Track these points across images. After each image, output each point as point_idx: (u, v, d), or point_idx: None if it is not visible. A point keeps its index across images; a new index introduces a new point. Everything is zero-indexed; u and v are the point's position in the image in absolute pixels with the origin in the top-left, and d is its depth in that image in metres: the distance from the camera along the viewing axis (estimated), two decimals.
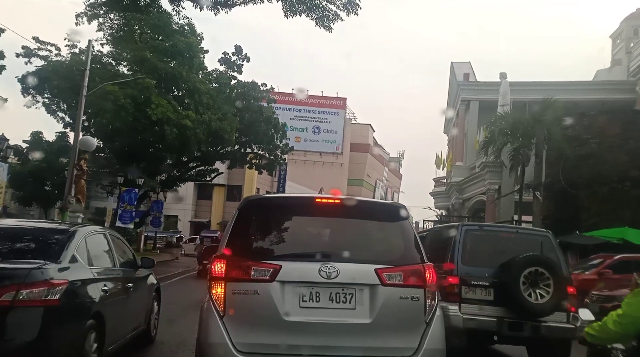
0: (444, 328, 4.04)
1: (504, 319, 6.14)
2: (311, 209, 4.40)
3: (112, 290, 5.29)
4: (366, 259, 3.98)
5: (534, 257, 6.32)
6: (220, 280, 3.88)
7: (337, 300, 3.82)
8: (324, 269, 3.80)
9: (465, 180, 30.18)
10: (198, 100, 27.31)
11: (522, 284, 6.05)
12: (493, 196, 23.70)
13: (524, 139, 17.23)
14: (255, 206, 4.52)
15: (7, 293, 3.97)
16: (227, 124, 28.09)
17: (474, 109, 32.35)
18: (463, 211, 30.16)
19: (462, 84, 33.35)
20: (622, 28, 45.76)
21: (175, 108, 24.70)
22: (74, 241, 4.98)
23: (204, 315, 3.97)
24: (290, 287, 3.82)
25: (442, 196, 37.09)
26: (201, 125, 25.97)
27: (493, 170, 23.67)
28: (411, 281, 3.91)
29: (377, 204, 5.20)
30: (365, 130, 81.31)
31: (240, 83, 32.54)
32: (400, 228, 4.28)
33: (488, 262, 6.41)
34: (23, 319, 4.05)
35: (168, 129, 23.84)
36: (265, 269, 3.83)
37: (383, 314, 3.81)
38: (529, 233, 8.22)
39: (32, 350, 4.03)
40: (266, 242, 4.35)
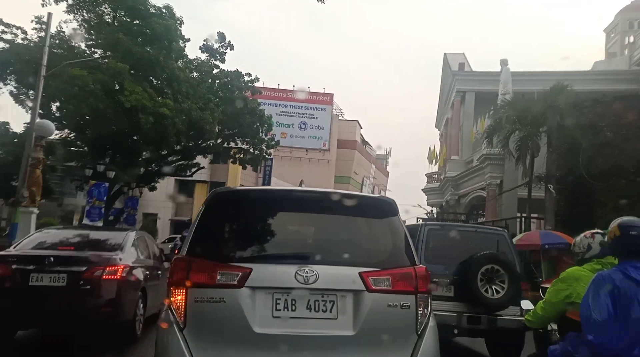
0: (438, 340, 3.52)
1: (462, 314, 6.53)
2: (288, 204, 3.85)
3: (150, 274, 7.92)
4: (350, 261, 3.50)
5: (490, 255, 6.63)
6: (180, 286, 3.37)
7: (315, 308, 3.33)
8: (301, 272, 3.32)
9: (461, 175, 28.61)
10: (177, 88, 25.37)
11: (480, 281, 6.43)
12: (494, 191, 22.16)
13: (533, 127, 15.69)
14: (225, 200, 3.90)
15: (98, 270, 6.54)
16: (208, 114, 26.18)
17: (470, 100, 30.81)
18: (459, 208, 28.61)
19: (457, 74, 31.76)
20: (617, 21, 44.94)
21: (152, 96, 22.76)
22: (129, 240, 7.59)
23: (161, 327, 3.43)
24: (262, 293, 3.32)
25: (435, 192, 35.46)
26: (180, 115, 24.05)
27: (494, 163, 22.12)
28: (401, 286, 3.44)
29: (363, 198, 4.27)
30: (352, 126, 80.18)
31: (223, 72, 30.60)
32: (388, 225, 3.76)
33: (449, 259, 6.69)
34: (106, 286, 6.58)
35: (143, 117, 21.92)
36: (233, 273, 3.33)
37: (368, 325, 3.33)
38: (486, 232, 8.75)
39: (112, 304, 6.55)
40: (236, 241, 3.78)
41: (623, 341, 2.67)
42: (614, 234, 3.04)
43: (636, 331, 2.67)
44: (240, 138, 32.67)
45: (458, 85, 31.27)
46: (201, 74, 29.88)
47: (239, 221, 3.85)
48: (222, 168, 48.74)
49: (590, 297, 2.85)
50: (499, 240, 7.22)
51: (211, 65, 30.39)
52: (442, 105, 39.91)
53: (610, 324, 2.71)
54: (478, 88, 29.60)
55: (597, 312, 2.77)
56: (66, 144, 26.48)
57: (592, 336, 2.76)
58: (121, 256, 7.06)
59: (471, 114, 30.28)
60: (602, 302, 2.76)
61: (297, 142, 72.59)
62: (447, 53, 35.88)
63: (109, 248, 7.27)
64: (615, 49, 43.47)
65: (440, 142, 39.81)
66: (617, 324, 2.71)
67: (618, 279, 2.81)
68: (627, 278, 2.78)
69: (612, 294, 2.77)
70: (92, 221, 20.89)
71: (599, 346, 2.73)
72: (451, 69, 32.53)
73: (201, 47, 30.15)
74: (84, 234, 8.20)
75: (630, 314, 2.68)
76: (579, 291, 3.29)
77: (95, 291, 6.52)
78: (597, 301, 2.80)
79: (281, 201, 3.92)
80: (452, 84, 32.29)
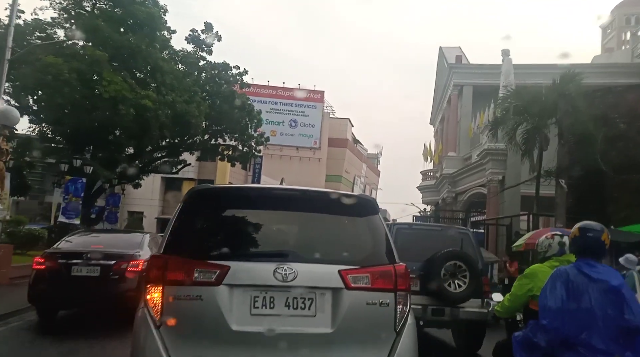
0: (416, 338, 3.51)
1: (427, 306, 6.91)
2: (267, 202, 3.77)
3: None
4: (329, 259, 3.45)
5: (453, 252, 7.07)
6: (157, 283, 3.30)
7: (294, 306, 3.27)
8: (279, 270, 3.26)
9: (459, 172, 27.45)
10: (160, 80, 23.97)
11: (443, 276, 6.88)
12: (496, 188, 21.04)
13: (541, 119, 14.57)
14: (203, 198, 3.82)
15: (124, 264, 8.24)
16: (194, 107, 24.80)
17: (468, 94, 29.66)
18: (456, 206, 27.46)
19: (454, 67, 30.59)
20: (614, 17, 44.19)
21: (133, 87, 21.36)
22: (145, 240, 9.33)
23: (137, 325, 3.35)
24: (240, 291, 3.25)
25: (431, 190, 34.25)
26: (164, 107, 22.68)
27: (496, 158, 20.97)
28: (380, 283, 3.41)
29: (343, 196, 4.03)
30: (343, 124, 78.97)
31: (211, 64, 29.23)
32: (368, 224, 3.72)
33: (416, 257, 6.86)
34: (130, 276, 8.15)
35: (123, 109, 20.53)
36: (211, 271, 3.26)
37: (347, 323, 3.28)
38: (452, 231, 9.33)
39: (134, 290, 7.46)
40: (214, 239, 3.64)
41: (573, 327, 3.05)
42: (574, 234, 3.40)
43: (584, 318, 3.04)
44: (229, 134, 31.37)
45: (455, 79, 30.12)
46: (187, 65, 28.49)
47: (217, 219, 3.79)
48: (210, 166, 47.34)
49: (548, 289, 3.23)
50: (463, 239, 7.79)
51: (198, 57, 29.05)
52: (438, 101, 38.76)
53: (563, 311, 3.09)
54: (476, 81, 28.52)
55: (552, 301, 3.15)
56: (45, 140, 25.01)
57: (546, 321, 3.13)
58: (140, 253, 8.58)
59: (469, 108, 29.16)
60: (558, 293, 3.15)
61: (288, 140, 71.38)
62: (443, 47, 34.74)
63: (131, 247, 8.82)
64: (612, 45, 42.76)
65: (435, 139, 38.69)
66: (569, 312, 3.08)
67: (572, 274, 3.19)
68: (581, 273, 3.17)
69: (566, 287, 3.15)
70: (69, 218, 19.45)
71: (552, 330, 3.10)
72: (447, 63, 31.38)
73: (187, 37, 28.79)
74: (110, 236, 10.39)
75: (581, 304, 3.08)
76: (539, 284, 3.56)
77: (121, 280, 8.16)
78: (553, 292, 3.19)
79: (260, 199, 3.85)
80: (449, 78, 31.16)
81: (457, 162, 28.52)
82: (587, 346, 3.02)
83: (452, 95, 30.88)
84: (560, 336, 3.10)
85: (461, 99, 30.08)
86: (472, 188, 25.14)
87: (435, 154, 35.53)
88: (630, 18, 47.13)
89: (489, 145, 20.58)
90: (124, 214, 49.01)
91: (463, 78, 29.56)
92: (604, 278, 3.14)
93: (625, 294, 3.10)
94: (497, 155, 20.73)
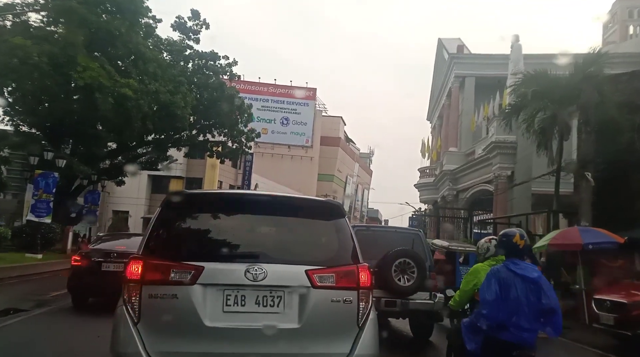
0: (377, 332, 3.78)
1: (381, 298, 7.57)
2: (240, 206, 4.04)
3: None
4: (297, 260, 3.68)
5: (402, 251, 7.97)
6: (135, 282, 3.49)
7: (264, 304, 3.51)
8: (250, 270, 3.48)
9: (461, 168, 25.90)
10: (143, 68, 22.30)
11: (394, 272, 7.75)
12: (505, 184, 19.51)
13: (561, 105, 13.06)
14: (180, 202, 3.95)
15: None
16: (180, 98, 23.09)
17: (470, 85, 28.12)
18: (457, 204, 25.91)
19: (455, 57, 29.00)
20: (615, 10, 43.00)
21: (111, 74, 19.66)
22: None
23: (116, 321, 3.53)
24: (213, 290, 3.47)
25: (429, 188, 32.59)
26: (146, 97, 20.97)
27: (505, 152, 19.36)
28: (344, 282, 3.65)
29: (311, 201, 4.42)
30: (336, 123, 77.39)
31: (198, 53, 27.54)
32: (335, 227, 3.97)
33: (371, 255, 6.96)
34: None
35: (100, 98, 18.85)
36: (186, 271, 3.47)
37: (313, 318, 3.52)
38: (404, 232, 10.20)
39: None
40: (189, 241, 3.90)
41: (505, 313, 3.96)
42: (499, 239, 4.49)
43: (513, 306, 3.94)
44: (218, 129, 29.70)
45: (457, 70, 28.52)
46: (172, 54, 26.80)
47: (193, 223, 4.00)
48: (199, 163, 45.58)
49: (485, 284, 4.12)
50: (414, 239, 8.57)
51: (184, 45, 27.36)
52: (436, 95, 37.20)
53: (497, 302, 3.98)
54: (479, 72, 27.00)
55: (489, 295, 4.03)
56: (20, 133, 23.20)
57: (485, 311, 4.04)
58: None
59: (471, 101, 27.60)
60: (492, 287, 4.03)
61: (279, 138, 69.76)
62: (442, 38, 33.23)
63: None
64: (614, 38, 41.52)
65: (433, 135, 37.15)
66: (502, 302, 3.97)
67: (503, 272, 4.09)
68: (509, 271, 4.07)
69: (499, 282, 4.04)
70: (39, 217, 17.70)
71: (490, 317, 4.01)
72: (448, 53, 29.81)
73: (173, 24, 27.09)
74: (132, 239, 10.77)
75: (510, 295, 3.98)
76: (481, 279, 4.37)
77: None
78: (489, 286, 4.06)
79: (234, 204, 4.10)
80: (450, 69, 29.59)
81: (459, 158, 26.96)
82: (517, 327, 3.92)
83: (452, 87, 29.29)
84: (497, 321, 3.97)
85: (463, 91, 28.53)
86: (476, 185, 23.53)
87: (433, 150, 34.01)
88: (633, 11, 46.14)
89: (497, 138, 19.02)
90: (109, 213, 47.15)
91: (465, 69, 27.99)
92: (525, 273, 4.02)
93: (542, 284, 4.01)
94: (506, 148, 19.14)
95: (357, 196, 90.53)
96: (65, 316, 9.53)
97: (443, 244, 10.67)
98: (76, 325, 8.80)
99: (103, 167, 29.25)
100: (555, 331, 4.02)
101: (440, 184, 30.13)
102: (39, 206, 17.73)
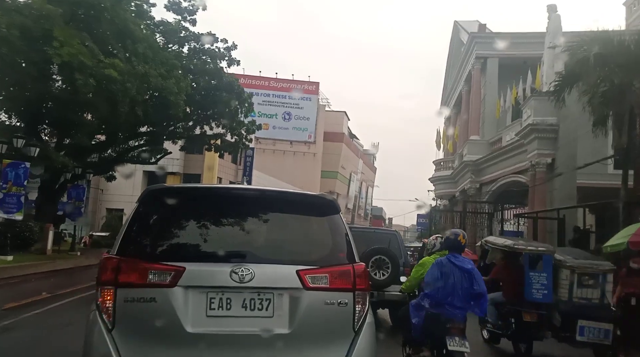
0: (375, 337, 3.56)
1: None
2: (225, 202, 3.72)
3: None
4: (287, 259, 3.40)
5: (378, 249, 8.88)
6: (109, 285, 3.19)
7: (251, 307, 3.24)
8: (236, 271, 3.20)
9: (485, 158, 23.53)
10: (131, 48, 19.99)
11: (371, 267, 8.47)
12: (544, 174, 17.08)
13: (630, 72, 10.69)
14: (159, 198, 3.63)
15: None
16: (173, 83, 20.72)
17: (493, 68, 25.61)
18: (480, 198, 23.45)
19: (477, 37, 26.44)
20: None
21: (94, 52, 17.34)
22: None
23: (89, 328, 3.26)
24: (196, 293, 3.18)
25: (446, 181, 30.14)
26: (134, 80, 18.62)
27: (545, 135, 16.77)
28: (338, 283, 3.40)
29: (303, 196, 3.99)
30: (339, 118, 75.05)
31: (194, 34, 25.20)
32: (328, 224, 3.70)
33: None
34: None
35: (81, 79, 16.55)
36: (165, 272, 3.17)
37: (305, 323, 3.27)
38: (382, 232, 12.11)
39: None
40: (170, 240, 3.59)
41: (443, 294, 5.15)
42: (446, 237, 5.71)
43: (450, 289, 5.13)
44: (216, 121, 27.40)
45: (478, 50, 25.93)
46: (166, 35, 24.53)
47: (173, 220, 3.65)
48: (197, 159, 43.40)
49: (430, 272, 5.38)
50: (391, 239, 9.95)
51: (179, 27, 25.03)
52: (451, 82, 34.67)
53: (438, 285, 5.19)
54: (503, 53, 24.58)
55: (431, 280, 5.28)
56: None
57: (427, 292, 5.30)
58: None
59: (494, 84, 25.15)
60: (435, 274, 5.25)
61: (281, 133, 67.58)
62: (459, 20, 30.86)
63: None
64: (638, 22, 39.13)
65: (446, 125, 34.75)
66: (441, 286, 5.17)
67: (445, 262, 5.30)
68: (450, 262, 5.26)
69: (440, 270, 5.25)
70: (8, 213, 15.36)
71: (431, 297, 5.24)
72: (468, 33, 27.29)
73: (167, 4, 24.79)
74: None
75: (448, 281, 5.16)
76: (427, 270, 5.56)
77: None
78: (433, 273, 5.30)
79: (218, 199, 3.79)
80: (470, 51, 27.07)
81: (482, 147, 24.46)
82: (451, 305, 5.15)
83: (473, 70, 26.81)
84: (436, 300, 5.22)
85: (485, 73, 26.11)
86: (504, 176, 20.99)
87: (449, 141, 31.62)
88: None
89: (534, 120, 16.56)
90: (102, 211, 45.12)
91: (487, 49, 25.35)
92: (462, 265, 5.26)
93: (474, 274, 5.25)
94: (545, 131, 16.67)
95: (362, 193, 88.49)
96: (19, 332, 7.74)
97: (506, 242, 8.26)
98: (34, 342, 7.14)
99: (91, 161, 27.05)
100: (481, 311, 5.48)
101: (460, 177, 27.71)
102: (8, 201, 15.42)
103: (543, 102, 16.09)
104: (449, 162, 30.68)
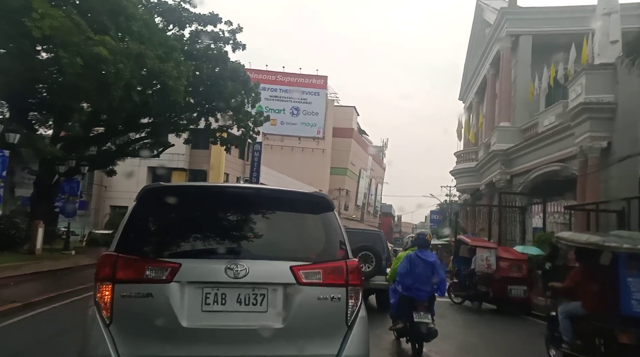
0: (367, 331, 3.60)
1: None
2: (220, 200, 3.82)
3: None
4: (281, 256, 3.50)
5: (364, 246, 11.01)
6: (107, 281, 3.26)
7: (246, 302, 3.32)
8: (231, 267, 3.28)
9: (517, 146, 21.16)
10: (125, 25, 17.98)
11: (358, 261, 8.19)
12: (597, 160, 14.76)
13: None
14: (156, 196, 3.72)
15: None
16: (172, 67, 18.70)
17: (526, 46, 23.17)
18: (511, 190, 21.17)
19: (507, 13, 23.96)
20: None
21: (81, 27, 15.34)
22: None
23: (86, 323, 3.30)
24: (192, 288, 3.27)
25: (469, 174, 27.76)
26: (127, 61, 16.59)
27: (598, 116, 14.28)
28: (331, 279, 3.47)
29: (298, 194, 4.09)
30: (349, 113, 73.07)
31: (195, 15, 23.23)
32: (322, 221, 3.78)
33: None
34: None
35: (66, 57, 14.58)
36: (162, 268, 3.26)
37: (298, 317, 3.34)
38: (369, 232, 14.80)
39: None
40: (166, 237, 3.66)
41: (411, 281, 7.09)
42: (416, 237, 7.60)
43: (417, 277, 7.06)
44: (222, 112, 25.43)
45: (509, 27, 23.40)
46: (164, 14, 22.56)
47: (169, 217, 3.77)
48: (203, 154, 41.58)
49: (402, 264, 7.26)
50: (376, 238, 12.54)
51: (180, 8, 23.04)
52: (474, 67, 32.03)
53: (407, 274, 7.12)
54: (538, 29, 22.25)
55: (402, 270, 7.22)
56: None
57: (399, 279, 7.31)
58: None
59: (527, 65, 22.76)
60: (406, 265, 7.15)
61: (289, 129, 65.81)
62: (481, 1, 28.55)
63: None
64: None
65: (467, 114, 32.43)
66: (410, 274, 7.10)
67: (414, 256, 7.15)
68: (417, 256, 7.12)
69: (410, 262, 7.12)
70: None
71: (402, 283, 7.20)
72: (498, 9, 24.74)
73: None
74: None
75: (415, 271, 7.06)
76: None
77: None
78: (405, 265, 7.16)
79: (213, 197, 3.88)
80: (499, 28, 24.55)
81: (513, 135, 21.96)
82: (417, 289, 7.04)
83: (503, 50, 24.38)
84: (406, 285, 7.14)
85: (515, 54, 23.75)
86: (541, 166, 18.46)
87: (471, 130, 29.36)
88: None
89: (586, 98, 14.24)
90: (106, 208, 43.48)
91: (520, 25, 22.85)
92: (426, 258, 7.12)
93: (436, 265, 7.12)
94: (600, 111, 14.32)
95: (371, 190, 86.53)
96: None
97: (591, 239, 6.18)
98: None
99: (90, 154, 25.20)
100: (441, 293, 7.50)
101: (486, 169, 25.37)
102: None
103: (597, 77, 13.92)
104: (472, 153, 28.39)
